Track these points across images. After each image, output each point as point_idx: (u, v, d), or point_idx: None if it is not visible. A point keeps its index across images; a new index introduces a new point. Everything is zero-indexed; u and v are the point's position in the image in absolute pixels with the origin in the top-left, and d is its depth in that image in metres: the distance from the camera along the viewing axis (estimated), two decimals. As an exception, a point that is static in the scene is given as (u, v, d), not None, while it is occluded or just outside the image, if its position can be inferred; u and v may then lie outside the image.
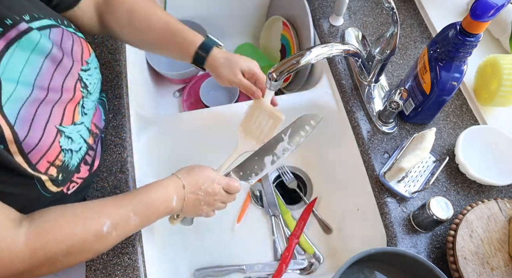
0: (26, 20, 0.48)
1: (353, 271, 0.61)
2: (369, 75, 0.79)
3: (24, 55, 0.47)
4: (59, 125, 0.50)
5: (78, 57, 0.55)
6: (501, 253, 0.61)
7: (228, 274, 0.84)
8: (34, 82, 0.47)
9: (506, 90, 0.72)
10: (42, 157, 0.47)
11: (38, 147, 0.46)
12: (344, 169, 0.88)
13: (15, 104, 0.44)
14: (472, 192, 0.70)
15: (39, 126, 0.47)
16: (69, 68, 0.53)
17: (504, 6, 0.54)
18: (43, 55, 0.49)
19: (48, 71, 0.50)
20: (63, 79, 0.52)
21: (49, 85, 0.49)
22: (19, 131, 0.44)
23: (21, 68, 0.46)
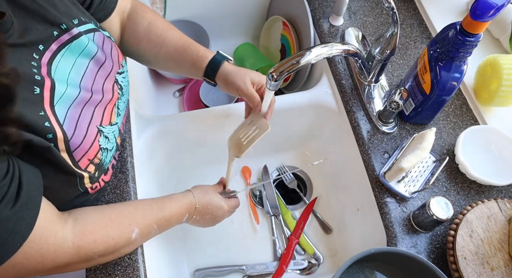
0: (75, 24, 0.50)
1: (353, 271, 0.61)
2: (369, 75, 0.79)
3: (72, 58, 0.50)
4: (99, 125, 0.53)
5: (116, 60, 0.58)
6: (501, 253, 0.61)
7: (228, 274, 0.84)
8: (80, 83, 0.50)
9: (506, 90, 0.72)
10: (84, 155, 0.49)
11: (82, 145, 0.48)
12: (344, 169, 0.88)
13: (65, 104, 0.47)
14: (472, 192, 0.70)
15: (83, 126, 0.49)
16: (109, 70, 0.56)
17: (504, 6, 0.54)
18: (89, 58, 0.52)
19: (91, 73, 0.53)
20: (103, 81, 0.55)
21: (92, 86, 0.52)
22: (67, 130, 0.46)
23: (69, 70, 0.49)
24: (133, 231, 0.54)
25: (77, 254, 0.48)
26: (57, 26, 0.47)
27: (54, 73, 0.46)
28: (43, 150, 0.43)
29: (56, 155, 0.44)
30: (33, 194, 0.43)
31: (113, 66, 0.57)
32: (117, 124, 0.59)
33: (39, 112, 0.43)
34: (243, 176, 0.97)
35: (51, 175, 0.46)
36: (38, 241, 0.43)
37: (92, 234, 0.50)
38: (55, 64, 0.47)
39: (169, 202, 0.61)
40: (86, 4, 0.57)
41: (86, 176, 0.51)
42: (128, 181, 0.68)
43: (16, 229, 0.41)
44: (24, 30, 0.43)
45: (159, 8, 1.03)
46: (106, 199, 0.66)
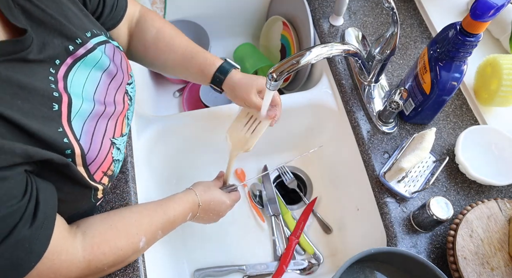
0: (88, 37, 0.50)
1: (353, 271, 0.61)
2: (369, 75, 0.79)
3: (86, 71, 0.49)
4: (112, 138, 0.52)
5: (126, 71, 0.58)
6: (501, 253, 0.61)
7: (228, 274, 0.84)
8: (94, 96, 0.50)
9: (506, 90, 0.72)
10: (98, 168, 0.49)
11: (97, 159, 0.48)
12: (344, 169, 0.88)
13: (81, 119, 0.47)
14: (472, 192, 0.70)
15: (98, 139, 0.49)
16: (120, 82, 0.56)
17: (504, 6, 0.54)
18: (102, 70, 0.52)
19: (104, 86, 0.52)
20: (115, 92, 0.55)
21: (105, 99, 0.52)
22: (83, 145, 0.46)
23: (83, 84, 0.49)
24: (141, 240, 0.54)
25: (88, 267, 0.48)
26: (73, 40, 0.47)
27: (70, 87, 0.46)
28: (62, 166, 0.43)
29: (74, 171, 0.44)
30: (49, 212, 0.43)
31: (123, 77, 0.57)
32: (127, 135, 0.59)
33: (57, 129, 0.43)
34: (238, 178, 0.97)
35: (67, 189, 0.46)
36: (51, 258, 0.43)
37: (101, 246, 0.50)
38: (70, 78, 0.47)
39: (172, 204, 0.61)
40: (97, 14, 0.56)
41: (100, 188, 0.51)
42: (128, 181, 0.68)
43: (31, 248, 0.41)
44: (42, 45, 0.43)
45: (159, 8, 1.03)
46: (106, 199, 0.66)
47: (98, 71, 0.51)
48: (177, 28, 0.71)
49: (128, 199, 0.67)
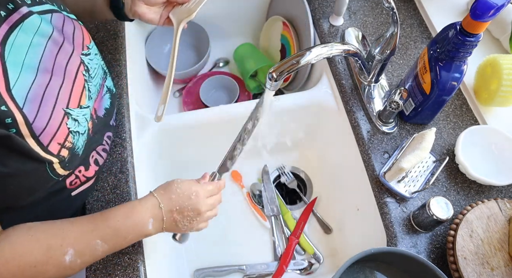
0: (27, 3, 0.48)
1: (353, 271, 0.61)
2: (369, 75, 0.79)
3: (27, 38, 0.47)
4: (66, 108, 0.50)
5: (79, 42, 0.56)
6: (501, 253, 0.61)
7: (228, 274, 0.84)
8: (39, 64, 0.48)
9: (506, 90, 0.72)
10: (52, 139, 0.47)
11: (47, 128, 0.46)
12: (344, 169, 0.88)
13: (23, 87, 0.45)
14: (472, 192, 0.70)
15: (47, 108, 0.47)
16: (70, 52, 0.54)
17: (504, 6, 0.54)
18: (45, 38, 0.50)
19: (51, 54, 0.50)
20: (66, 62, 0.52)
21: (53, 67, 0.50)
22: (28, 113, 0.44)
23: (26, 51, 0.47)
24: (66, 254, 0.47)
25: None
26: (3, 5, 0.45)
27: (8, 55, 0.44)
28: (3, 138, 0.41)
29: (18, 142, 0.43)
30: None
31: (74, 47, 0.55)
32: (89, 108, 0.56)
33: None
34: (235, 181, 0.97)
35: (16, 163, 0.44)
36: None
37: (9, 264, 0.44)
38: (9, 46, 0.44)
39: (116, 210, 0.53)
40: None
41: (55, 161, 0.48)
42: (128, 181, 0.68)
43: None
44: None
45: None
46: (107, 199, 0.66)
47: (41, 38, 0.49)
48: None
49: (128, 199, 0.67)
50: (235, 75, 1.14)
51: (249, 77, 1.08)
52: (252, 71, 1.05)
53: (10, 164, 0.44)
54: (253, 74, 1.09)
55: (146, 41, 1.04)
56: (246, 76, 1.06)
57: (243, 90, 1.10)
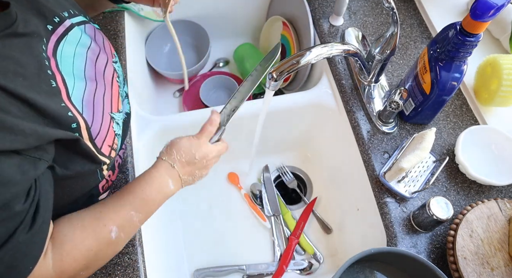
0: (66, 16, 0.51)
1: (353, 271, 0.61)
2: (369, 75, 0.79)
3: (71, 49, 0.50)
4: (111, 113, 0.53)
5: (109, 51, 0.59)
6: (501, 253, 0.61)
7: (228, 274, 0.84)
8: (84, 73, 0.51)
9: (506, 90, 0.72)
10: (103, 141, 0.50)
11: (101, 132, 0.49)
12: (344, 169, 0.88)
13: (78, 95, 0.48)
14: (472, 192, 0.70)
15: (98, 113, 0.50)
16: (106, 60, 0.57)
17: (504, 6, 0.54)
18: (86, 48, 0.53)
19: (91, 63, 0.53)
20: (103, 70, 0.55)
21: (96, 76, 0.53)
22: (87, 118, 0.47)
23: (72, 61, 0.49)
24: (111, 231, 0.50)
25: None
26: (50, 19, 0.48)
27: (61, 65, 0.47)
28: (72, 143, 0.43)
29: (83, 145, 0.45)
30: (46, 216, 0.42)
31: (107, 56, 0.58)
32: (123, 112, 0.60)
33: (60, 104, 0.43)
34: (232, 182, 0.97)
35: (77, 165, 0.46)
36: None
37: (69, 254, 0.47)
38: (59, 56, 0.47)
39: (140, 181, 0.56)
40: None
41: (107, 162, 0.51)
42: (128, 181, 0.68)
43: (28, 252, 0.40)
44: (24, 21, 0.43)
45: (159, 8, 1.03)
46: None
47: (82, 48, 0.52)
48: None
49: (128, 199, 0.67)
50: (235, 75, 1.14)
51: (249, 77, 1.08)
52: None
53: (72, 166, 0.45)
54: (253, 74, 1.09)
55: (146, 41, 1.04)
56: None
57: (243, 90, 1.10)
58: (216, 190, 0.96)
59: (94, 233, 0.49)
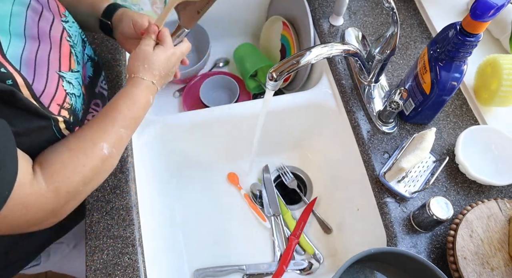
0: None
1: (353, 271, 0.61)
2: (369, 75, 0.79)
3: (7, 7, 0.48)
4: (59, 71, 0.52)
5: (55, 10, 0.58)
6: (501, 253, 0.61)
7: (228, 274, 0.84)
8: (24, 32, 0.49)
9: (506, 90, 0.72)
10: (52, 100, 0.49)
11: (46, 90, 0.48)
12: (344, 169, 0.88)
13: (15, 53, 0.46)
14: (472, 192, 0.70)
15: (42, 71, 0.49)
16: (51, 19, 0.55)
17: (504, 6, 0.54)
18: (24, 7, 0.51)
19: (33, 21, 0.52)
20: (48, 29, 0.54)
21: (38, 34, 0.52)
22: (26, 76, 0.46)
23: (8, 20, 0.48)
24: (102, 148, 0.52)
25: (57, 196, 0.48)
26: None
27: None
28: (7, 94, 0.43)
29: (22, 98, 0.44)
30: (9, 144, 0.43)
31: (54, 15, 0.56)
32: (79, 72, 0.58)
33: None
34: (232, 182, 0.97)
35: (23, 122, 0.46)
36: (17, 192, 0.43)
37: (60, 172, 0.49)
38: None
39: (123, 101, 0.57)
40: None
41: (61, 120, 0.51)
42: (128, 181, 0.68)
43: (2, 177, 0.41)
44: None
45: (159, 8, 1.03)
46: (106, 199, 0.66)
47: (20, 7, 0.50)
48: None
49: (128, 199, 0.67)
50: (235, 75, 1.14)
51: (249, 77, 1.08)
52: (252, 71, 1.05)
53: (17, 123, 0.45)
54: (253, 74, 1.09)
55: (146, 41, 1.04)
56: (246, 76, 1.06)
57: (243, 90, 1.10)
58: (216, 190, 0.96)
59: (84, 151, 0.51)
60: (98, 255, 0.61)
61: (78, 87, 0.57)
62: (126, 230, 0.64)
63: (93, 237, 0.63)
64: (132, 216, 0.65)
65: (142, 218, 0.67)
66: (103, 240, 0.63)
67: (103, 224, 0.64)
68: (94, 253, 0.62)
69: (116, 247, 0.62)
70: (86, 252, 0.62)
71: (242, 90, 1.10)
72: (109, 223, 0.64)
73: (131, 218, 0.65)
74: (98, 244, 0.62)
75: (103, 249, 0.62)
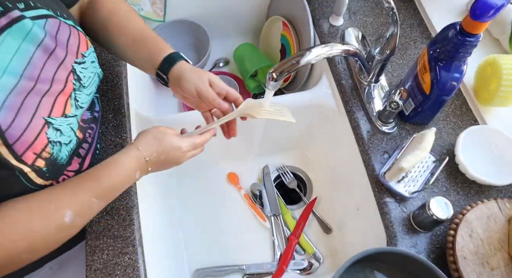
0: (20, 8, 0.47)
1: (353, 271, 0.62)
2: (369, 75, 0.79)
3: (15, 44, 0.46)
4: (48, 117, 0.49)
5: (73, 50, 0.55)
6: (501, 253, 0.61)
7: (228, 274, 0.84)
8: (23, 72, 0.47)
9: (505, 90, 0.72)
10: (27, 148, 0.46)
11: (23, 137, 0.45)
12: (344, 169, 0.88)
13: (1, 92, 0.44)
14: (472, 192, 0.70)
15: (25, 116, 0.46)
16: (61, 59, 0.52)
17: (504, 6, 0.54)
18: (35, 45, 0.49)
19: (39, 61, 0.49)
20: (55, 69, 0.51)
21: (39, 75, 0.49)
22: (2, 120, 0.43)
23: (11, 58, 0.45)
24: (65, 215, 0.48)
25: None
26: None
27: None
28: None
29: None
30: None
31: (66, 55, 0.53)
32: (76, 117, 0.55)
33: None
34: (232, 182, 0.97)
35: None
36: None
37: (7, 234, 0.44)
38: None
39: (106, 169, 0.54)
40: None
41: (28, 170, 0.47)
42: (128, 181, 0.68)
43: None
44: None
45: (159, 8, 1.03)
46: (106, 199, 0.66)
47: (30, 44, 0.48)
48: (134, 11, 0.68)
49: (128, 200, 0.67)
50: (235, 75, 1.14)
51: (249, 77, 1.08)
52: (252, 71, 1.06)
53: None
54: (253, 74, 1.09)
55: (146, 41, 1.04)
56: (246, 76, 1.06)
57: (243, 90, 1.10)
58: (216, 190, 0.96)
59: (42, 216, 0.47)
60: (98, 255, 0.61)
61: (68, 134, 0.53)
62: (126, 230, 0.64)
63: (93, 237, 0.63)
64: (132, 216, 0.65)
65: (142, 218, 0.67)
66: (103, 240, 0.63)
67: (103, 224, 0.64)
68: (94, 253, 0.62)
69: (116, 247, 0.62)
70: (86, 252, 0.62)
71: (242, 90, 1.10)
72: (109, 223, 0.64)
73: (131, 218, 0.65)
74: (98, 244, 0.62)
75: (103, 249, 0.62)
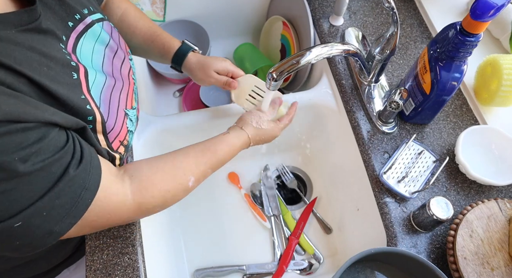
0: (86, 13, 0.52)
1: (353, 271, 0.61)
2: (369, 75, 0.79)
3: (90, 45, 0.52)
4: (125, 109, 0.56)
5: (124, 48, 0.61)
6: (501, 253, 0.61)
7: (228, 274, 0.84)
8: (102, 69, 0.53)
9: (506, 90, 0.72)
10: (116, 137, 0.53)
11: (115, 127, 0.52)
12: (344, 169, 0.88)
13: (97, 89, 0.50)
14: (472, 192, 0.70)
15: (114, 109, 0.52)
16: (122, 57, 0.59)
17: (504, 6, 0.54)
18: (104, 45, 0.55)
19: (109, 60, 0.55)
20: (120, 67, 0.57)
21: (113, 72, 0.55)
22: (103, 113, 0.49)
23: (91, 57, 0.51)
24: (190, 180, 0.56)
25: (138, 209, 0.51)
26: (72, 16, 0.49)
27: (81, 60, 0.48)
28: (78, 131, 0.44)
29: (90, 135, 0.46)
30: (93, 154, 0.45)
31: (124, 54, 0.60)
32: (136, 109, 0.62)
33: (80, 96, 0.45)
34: (232, 182, 0.97)
35: None
36: (104, 199, 0.45)
37: (148, 190, 0.52)
38: (79, 52, 0.49)
39: (223, 146, 0.62)
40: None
41: (117, 157, 0.54)
42: (128, 181, 0.68)
43: (86, 184, 0.42)
44: (46, 18, 0.45)
45: (159, 8, 1.03)
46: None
47: (101, 45, 0.54)
48: (140, 11, 0.74)
49: (128, 199, 0.67)
50: (235, 75, 1.14)
51: (249, 77, 1.08)
52: (252, 71, 1.05)
53: None
54: (253, 74, 1.09)
55: (146, 41, 1.04)
56: (246, 76, 1.06)
57: (243, 90, 1.10)
58: (216, 189, 0.96)
59: (174, 179, 0.55)
60: (98, 255, 0.61)
61: (135, 124, 0.60)
62: (126, 230, 0.64)
63: (93, 237, 0.63)
64: (132, 216, 0.65)
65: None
66: (103, 240, 0.63)
67: (103, 224, 0.64)
68: (94, 253, 0.62)
69: (116, 247, 0.62)
70: (86, 252, 0.62)
71: (242, 90, 1.09)
72: (109, 223, 0.64)
73: (131, 218, 0.65)
74: (98, 244, 0.62)
75: (103, 249, 0.62)
